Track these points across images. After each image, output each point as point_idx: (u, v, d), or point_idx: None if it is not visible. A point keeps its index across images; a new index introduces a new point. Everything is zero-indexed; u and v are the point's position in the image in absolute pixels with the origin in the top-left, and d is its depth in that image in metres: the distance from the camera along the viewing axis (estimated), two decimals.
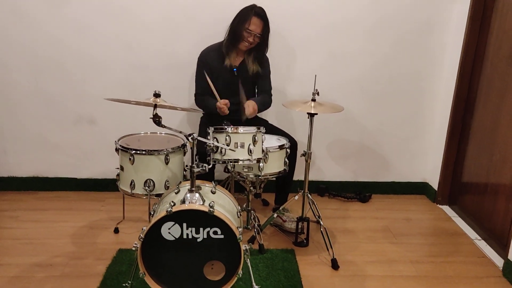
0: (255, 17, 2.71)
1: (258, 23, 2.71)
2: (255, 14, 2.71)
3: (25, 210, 3.06)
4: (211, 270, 2.04)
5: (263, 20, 2.73)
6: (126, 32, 3.07)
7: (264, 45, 2.84)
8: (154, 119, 2.10)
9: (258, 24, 2.72)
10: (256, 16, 2.71)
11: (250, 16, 2.71)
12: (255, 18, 2.71)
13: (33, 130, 3.25)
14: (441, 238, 2.91)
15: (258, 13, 2.71)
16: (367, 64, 3.24)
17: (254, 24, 2.71)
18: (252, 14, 2.70)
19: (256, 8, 2.74)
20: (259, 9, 2.74)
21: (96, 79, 3.16)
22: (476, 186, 3.04)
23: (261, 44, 2.82)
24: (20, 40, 3.05)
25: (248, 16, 2.71)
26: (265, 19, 2.74)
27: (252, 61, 2.87)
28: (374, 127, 3.39)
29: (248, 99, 2.79)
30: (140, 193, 2.50)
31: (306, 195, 2.66)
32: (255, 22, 2.71)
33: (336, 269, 2.50)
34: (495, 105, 2.83)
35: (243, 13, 2.74)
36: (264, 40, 2.80)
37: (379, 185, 3.53)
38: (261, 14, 2.72)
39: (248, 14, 2.71)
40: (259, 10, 2.73)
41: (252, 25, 2.71)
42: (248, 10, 2.73)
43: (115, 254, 2.55)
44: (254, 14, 2.70)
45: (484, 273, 2.53)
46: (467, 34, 3.00)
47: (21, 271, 2.38)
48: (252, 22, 2.70)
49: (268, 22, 2.75)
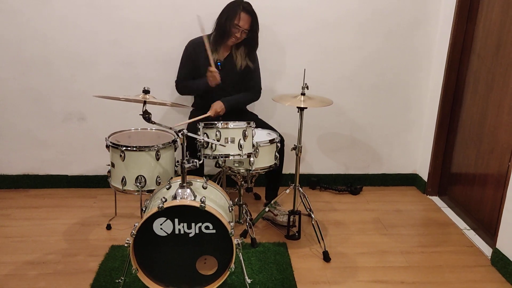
0: (243, 12, 2.68)
1: (247, 18, 2.69)
2: (243, 9, 2.69)
3: (17, 208, 3.05)
4: (203, 264, 2.05)
5: (251, 16, 2.71)
6: (113, 28, 3.05)
7: (255, 41, 2.83)
8: (144, 115, 2.10)
9: (246, 19, 2.70)
10: (244, 11, 2.69)
11: (238, 12, 2.68)
12: (244, 13, 2.68)
13: (22, 128, 3.23)
14: (431, 228, 2.95)
15: (246, 9, 2.69)
16: (357, 58, 3.25)
17: (243, 20, 2.69)
18: (240, 10, 2.68)
19: (244, 3, 2.72)
20: (247, 4, 2.73)
21: (84, 76, 3.14)
22: (465, 177, 3.08)
23: (251, 40, 2.80)
24: (7, 37, 3.03)
25: (236, 11, 2.69)
26: (253, 14, 2.72)
27: (242, 56, 2.86)
28: (364, 120, 3.42)
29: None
30: (131, 189, 2.51)
31: (297, 188, 2.67)
32: (244, 17, 2.69)
33: (327, 261, 2.52)
34: (482, 97, 2.86)
35: (231, 8, 2.72)
36: (254, 36, 2.79)
37: (369, 177, 3.56)
38: (249, 9, 2.70)
39: (236, 9, 2.69)
40: (246, 5, 2.72)
41: (241, 21, 2.69)
42: (235, 6, 2.71)
43: (107, 250, 2.55)
44: (242, 10, 2.68)
45: (473, 262, 2.57)
46: (454, 27, 3.03)
47: (14, 269, 2.38)
48: (240, 17, 2.68)
49: (256, 17, 2.74)
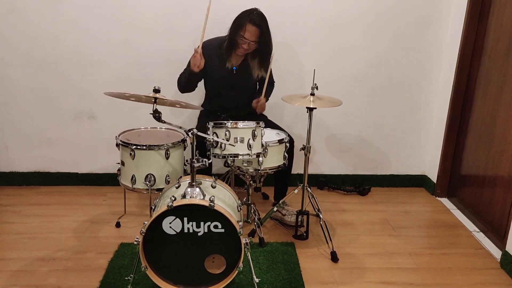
0: (250, 24, 2.58)
1: (253, 31, 2.59)
2: (250, 21, 2.58)
3: (27, 205, 3.09)
4: (212, 263, 2.06)
5: (259, 28, 2.60)
6: (123, 28, 3.07)
7: (267, 51, 2.74)
8: (154, 114, 2.12)
9: (253, 32, 2.59)
10: (251, 23, 2.58)
11: (245, 24, 2.59)
12: (250, 25, 2.58)
13: (33, 126, 3.27)
14: (439, 230, 2.93)
15: (253, 21, 2.58)
16: (366, 58, 3.24)
17: (249, 32, 2.59)
18: (247, 22, 2.58)
19: (253, 15, 2.60)
20: (256, 16, 2.61)
21: (94, 75, 3.16)
22: (475, 179, 3.06)
23: (262, 51, 2.73)
24: (18, 38, 3.06)
25: (242, 24, 2.60)
26: (261, 26, 2.61)
27: (258, 67, 2.80)
28: (373, 120, 3.41)
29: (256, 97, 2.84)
30: (141, 187, 2.52)
31: (305, 188, 2.67)
32: (250, 29, 2.59)
33: (335, 262, 2.52)
34: (493, 98, 2.84)
35: (239, 19, 2.63)
36: (263, 46, 2.70)
37: (378, 178, 3.55)
38: (256, 21, 2.59)
39: (243, 21, 2.60)
40: (255, 17, 2.60)
41: (247, 33, 2.60)
42: (244, 17, 2.61)
43: (117, 248, 2.57)
44: (249, 22, 2.58)
45: (482, 264, 2.55)
46: (465, 28, 3.01)
47: (24, 266, 2.41)
48: (246, 29, 2.59)
49: (265, 29, 2.63)
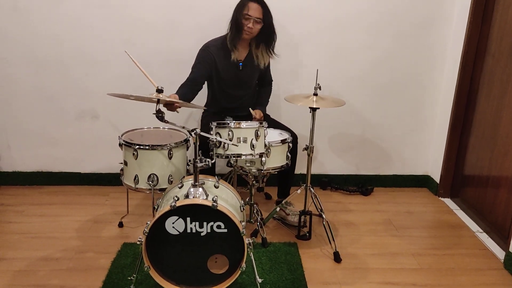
0: (251, 2, 2.67)
1: (255, 7, 2.67)
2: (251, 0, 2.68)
3: (30, 205, 3.09)
4: (214, 263, 2.06)
5: (260, 4, 2.68)
6: (126, 28, 3.07)
7: (271, 32, 2.80)
8: (157, 114, 2.12)
9: (255, 8, 2.67)
10: (252, 0, 2.67)
11: (246, 2, 2.68)
12: (251, 3, 2.67)
13: (36, 126, 3.27)
14: (442, 230, 2.93)
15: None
16: (369, 58, 3.24)
17: (252, 9, 2.66)
18: (248, 0, 2.67)
19: None
20: None
21: (96, 75, 3.17)
22: (478, 179, 3.05)
23: (266, 34, 2.78)
24: (21, 37, 3.06)
25: (244, 3, 2.69)
26: (263, 3, 2.69)
27: (264, 54, 2.85)
28: (376, 120, 3.40)
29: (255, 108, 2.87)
30: (143, 187, 2.52)
31: (308, 188, 2.67)
32: (252, 6, 2.66)
33: (338, 262, 2.52)
34: (497, 98, 2.83)
35: (240, 2, 2.72)
36: (268, 26, 2.75)
37: (381, 178, 3.54)
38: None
39: (244, 1, 2.69)
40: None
41: (250, 10, 2.66)
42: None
43: (119, 248, 2.57)
44: (250, 0, 2.67)
45: (485, 265, 2.55)
46: (468, 27, 3.00)
47: (27, 265, 2.41)
48: (249, 7, 2.67)
49: (266, 7, 2.71)
